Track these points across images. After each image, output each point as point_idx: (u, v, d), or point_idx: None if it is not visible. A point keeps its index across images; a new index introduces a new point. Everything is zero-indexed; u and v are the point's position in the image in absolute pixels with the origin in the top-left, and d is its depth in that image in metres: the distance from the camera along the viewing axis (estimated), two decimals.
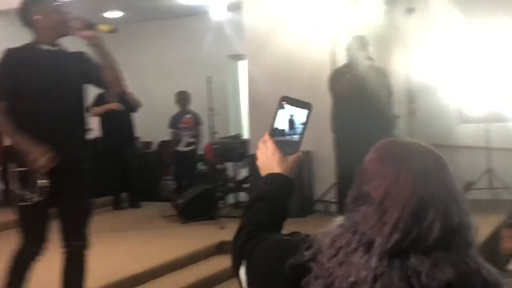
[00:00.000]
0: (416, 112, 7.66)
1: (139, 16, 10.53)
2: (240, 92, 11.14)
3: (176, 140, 9.08)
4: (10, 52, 3.69)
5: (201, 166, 9.59)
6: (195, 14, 10.22)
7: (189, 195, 7.50)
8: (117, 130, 8.28)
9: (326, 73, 6.62)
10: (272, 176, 1.63)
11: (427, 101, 7.87)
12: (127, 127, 8.43)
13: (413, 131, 7.67)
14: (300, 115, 1.64)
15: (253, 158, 7.30)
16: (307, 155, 7.28)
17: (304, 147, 1.67)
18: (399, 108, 7.58)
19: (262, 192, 1.62)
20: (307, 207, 7.34)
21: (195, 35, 10.60)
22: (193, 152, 9.08)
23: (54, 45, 3.73)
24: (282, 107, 1.63)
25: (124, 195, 8.53)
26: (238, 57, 10.65)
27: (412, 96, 7.66)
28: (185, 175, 8.99)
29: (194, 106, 9.04)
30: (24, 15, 3.71)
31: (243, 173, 8.92)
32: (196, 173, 9.26)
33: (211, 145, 8.42)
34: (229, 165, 9.14)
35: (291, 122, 1.64)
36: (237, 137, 9.24)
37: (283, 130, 1.64)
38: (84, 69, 3.80)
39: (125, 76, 3.99)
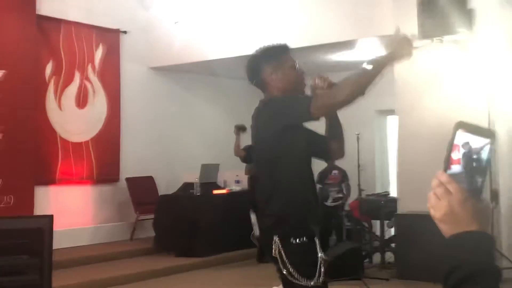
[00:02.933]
0: None
1: None
2: (388, 148, 10.90)
3: (323, 196, 8.99)
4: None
5: (346, 223, 9.41)
6: (345, 69, 10.20)
7: (335, 253, 7.33)
8: None
9: None
10: (477, 237, 1.16)
11: None
12: None
13: None
14: (480, 147, 1.19)
15: (402, 217, 7.01)
16: None
17: None
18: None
19: (479, 264, 1.13)
20: None
21: None
22: (339, 208, 8.95)
23: None
24: (459, 137, 1.19)
25: None
26: (387, 112, 10.46)
27: None
28: (330, 231, 8.84)
29: (342, 162, 8.93)
30: (256, 73, 3.31)
31: (391, 232, 8.64)
32: (341, 229, 9.08)
33: (358, 202, 8.24)
34: (376, 223, 8.88)
35: (470, 157, 1.19)
36: (385, 194, 9.00)
37: (460, 168, 1.19)
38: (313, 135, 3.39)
39: None
